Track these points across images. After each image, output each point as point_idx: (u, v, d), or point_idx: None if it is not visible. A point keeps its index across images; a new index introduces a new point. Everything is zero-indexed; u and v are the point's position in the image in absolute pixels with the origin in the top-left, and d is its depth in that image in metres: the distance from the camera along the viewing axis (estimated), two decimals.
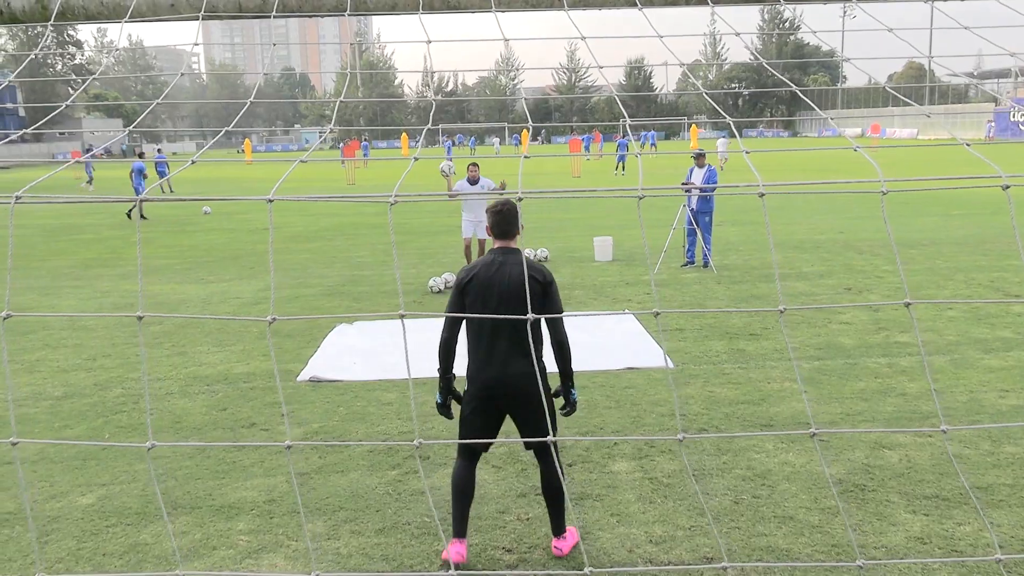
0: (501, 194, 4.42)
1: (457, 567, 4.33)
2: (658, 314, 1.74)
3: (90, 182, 37.22)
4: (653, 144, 56.35)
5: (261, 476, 5.60)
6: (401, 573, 4.33)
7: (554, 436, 4.00)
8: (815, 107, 2.17)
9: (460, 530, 4.40)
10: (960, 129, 69.81)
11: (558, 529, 4.51)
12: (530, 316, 1.95)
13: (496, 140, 74.13)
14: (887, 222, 2.34)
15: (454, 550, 4.35)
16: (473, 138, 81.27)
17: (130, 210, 24.89)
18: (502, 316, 2.77)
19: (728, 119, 2.00)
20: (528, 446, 4.69)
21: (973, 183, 1.81)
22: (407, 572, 4.34)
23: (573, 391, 4.41)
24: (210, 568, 4.43)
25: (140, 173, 24.76)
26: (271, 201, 1.64)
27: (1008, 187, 1.74)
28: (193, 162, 2.00)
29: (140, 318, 1.49)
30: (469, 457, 4.50)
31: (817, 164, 40.97)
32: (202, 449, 6.12)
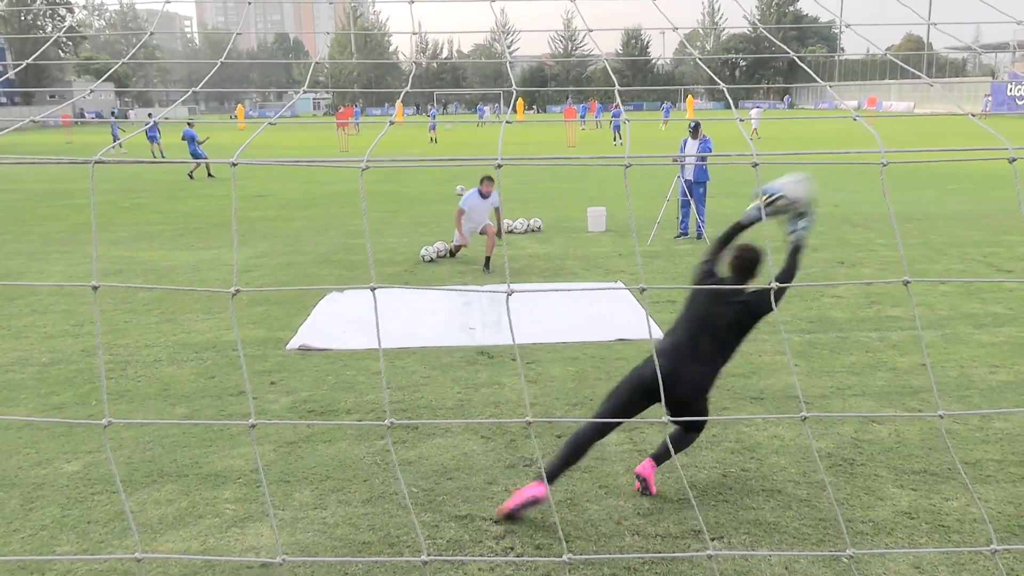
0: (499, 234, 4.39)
1: (536, 502, 4.46)
2: (644, 290, 1.69)
3: (120, 144, 37.05)
4: (667, 116, 55.46)
5: (248, 445, 5.57)
6: (363, 558, 4.31)
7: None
8: (814, 76, 2.12)
9: (552, 479, 4.62)
10: (957, 103, 69.55)
11: (658, 459, 4.77)
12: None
13: (485, 109, 72.29)
14: (886, 195, 2.30)
15: (542, 489, 4.46)
16: (456, 104, 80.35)
17: (208, 170, 25.68)
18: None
19: (722, 85, 1.94)
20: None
21: (978, 155, 1.76)
22: (373, 558, 4.33)
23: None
24: (196, 536, 4.41)
25: (193, 140, 25.18)
26: (235, 165, 1.58)
27: (1015, 159, 1.69)
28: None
29: (95, 288, 1.44)
30: (602, 431, 4.74)
31: (815, 136, 40.80)
32: (189, 417, 6.09)
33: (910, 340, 7.69)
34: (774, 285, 3.13)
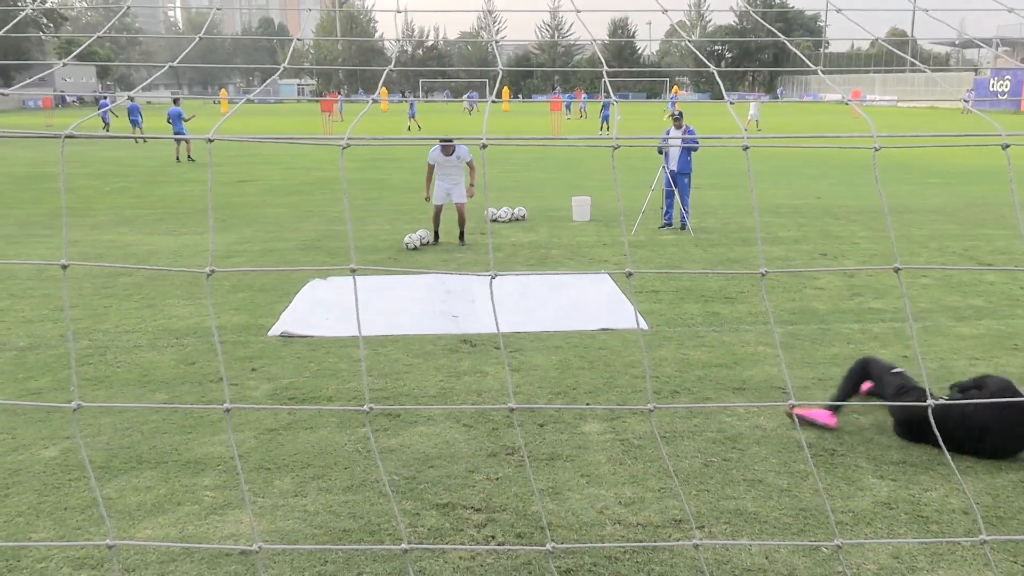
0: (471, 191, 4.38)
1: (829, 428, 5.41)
2: (631, 274, 1.67)
3: (107, 127, 36.83)
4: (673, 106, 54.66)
5: (230, 428, 5.53)
6: (343, 546, 4.30)
7: None
8: (805, 60, 2.11)
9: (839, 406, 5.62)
10: (942, 97, 69.91)
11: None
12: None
13: (475, 95, 72.17)
14: (878, 180, 2.30)
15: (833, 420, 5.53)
16: (447, 92, 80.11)
17: (187, 153, 25.86)
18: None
19: (712, 67, 1.92)
20: None
21: (971, 142, 1.75)
22: (352, 546, 4.31)
23: None
24: (174, 523, 4.38)
25: (179, 118, 25.06)
26: (211, 141, 1.55)
27: (1008, 146, 1.68)
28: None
29: (64, 267, 1.41)
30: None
31: (802, 127, 40.92)
32: (169, 403, 6.04)
33: (891, 332, 7.73)
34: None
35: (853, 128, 42.08)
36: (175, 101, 27.75)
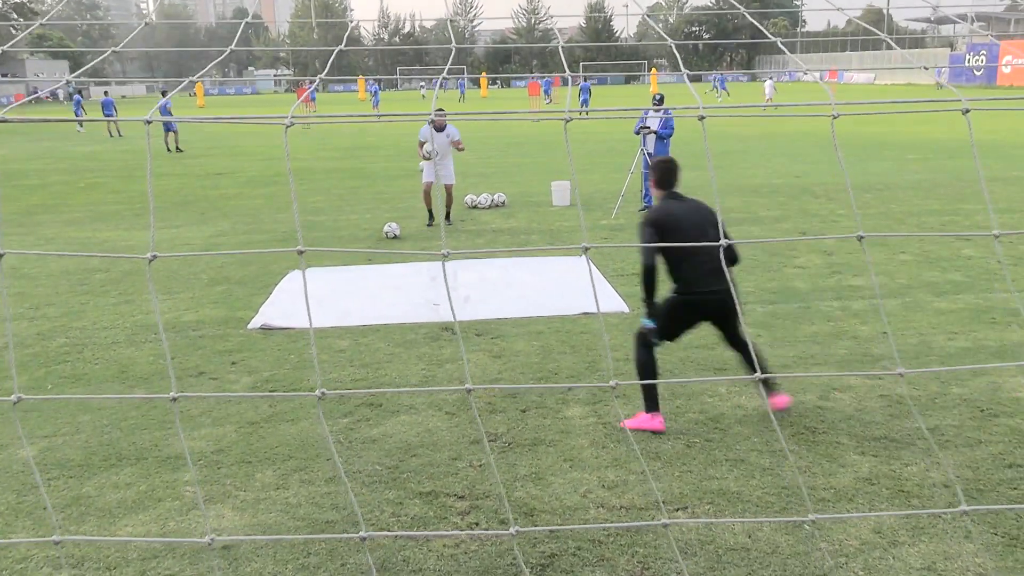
0: (460, 146, 4.37)
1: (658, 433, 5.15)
2: (587, 249, 1.66)
3: (81, 125, 36.34)
4: (724, 87, 53.84)
5: (209, 426, 5.49)
6: (300, 536, 4.28)
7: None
8: (778, 43, 2.09)
9: (656, 406, 5.25)
10: (915, 75, 70.20)
11: (770, 388, 5.42)
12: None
13: (464, 83, 71.05)
14: (838, 150, 2.28)
15: (658, 422, 5.22)
16: (434, 80, 79.57)
17: (176, 143, 26.27)
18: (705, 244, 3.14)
19: (670, 41, 1.89)
20: (731, 342, 5.42)
21: (931, 107, 1.74)
22: (306, 535, 4.29)
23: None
24: (155, 519, 4.34)
25: (166, 110, 25.80)
26: (148, 123, 1.52)
27: (968, 111, 1.67)
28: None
29: (0, 255, 1.38)
30: (649, 346, 5.26)
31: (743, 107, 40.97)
32: (149, 399, 5.99)
33: (871, 309, 7.77)
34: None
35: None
36: (163, 93, 28.24)
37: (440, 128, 11.83)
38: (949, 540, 3.96)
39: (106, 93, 34.69)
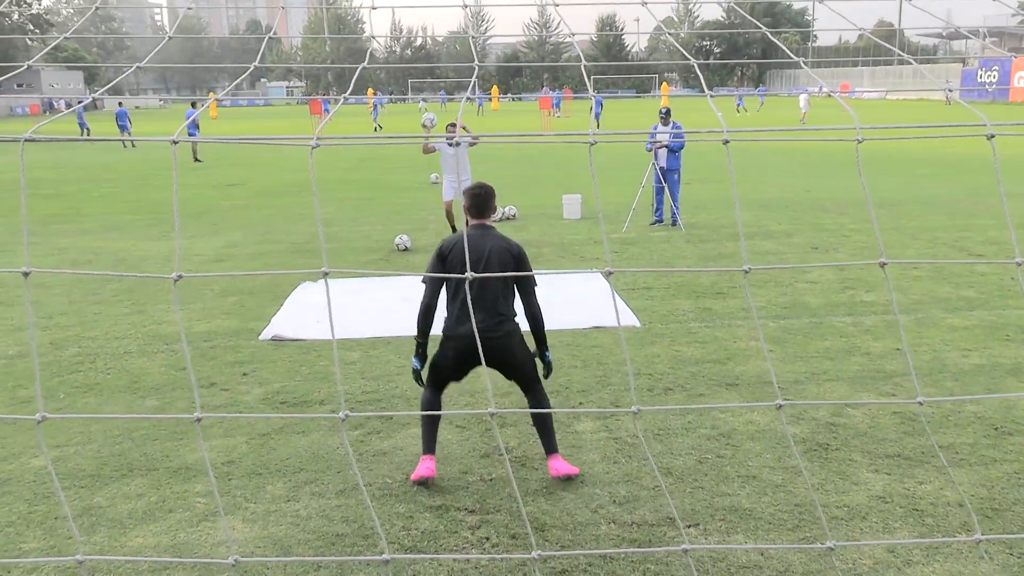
0: (475, 139, 4.43)
1: (427, 482, 4.70)
2: (611, 273, 1.65)
3: (88, 133, 36.58)
4: (741, 103, 53.55)
5: (220, 437, 5.50)
6: (323, 557, 4.27)
7: (540, 371, 4.84)
8: (788, 52, 2.09)
9: (431, 448, 4.78)
10: (927, 91, 70.04)
11: (550, 448, 4.81)
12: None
13: (482, 99, 70.16)
14: (861, 173, 2.28)
15: (424, 466, 4.71)
16: (443, 92, 79.81)
17: (195, 155, 26.71)
18: (492, 275, 2.92)
19: (692, 60, 1.90)
20: (519, 384, 4.99)
21: (956, 132, 1.73)
22: (334, 556, 4.28)
23: (548, 353, 4.92)
24: (166, 530, 4.34)
25: (194, 122, 26.16)
26: (175, 143, 1.53)
27: (993, 136, 1.66)
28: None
29: (26, 274, 1.39)
30: (438, 388, 4.90)
31: (792, 120, 40.96)
32: (159, 410, 6.00)
33: (884, 325, 7.73)
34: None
35: (841, 121, 42.17)
36: (192, 105, 29.28)
37: (455, 144, 11.55)
38: (964, 560, 3.92)
39: (120, 104, 34.96)
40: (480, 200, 4.80)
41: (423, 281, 4.75)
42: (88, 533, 4.34)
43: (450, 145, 11.63)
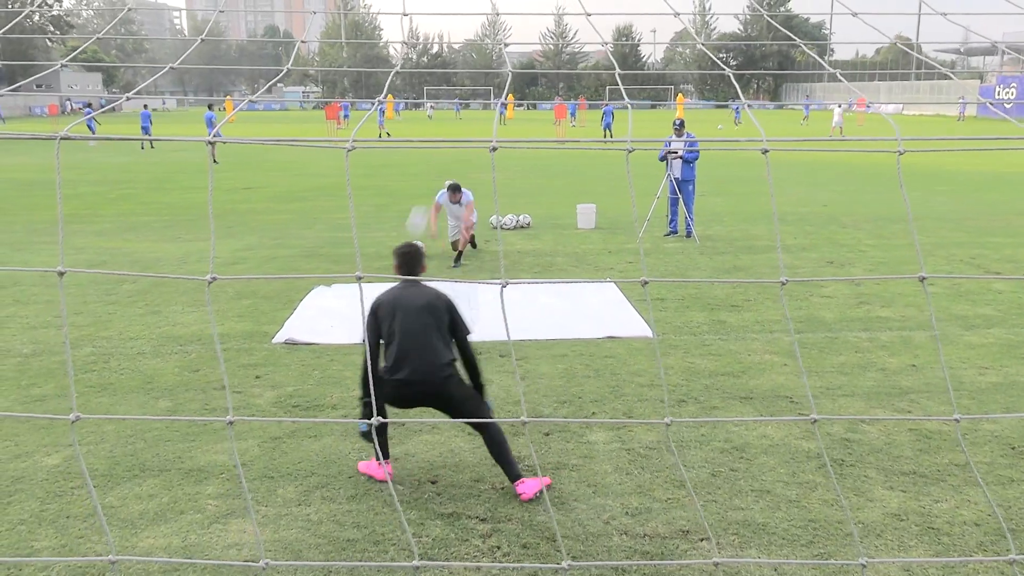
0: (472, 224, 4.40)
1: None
2: (646, 283, 1.64)
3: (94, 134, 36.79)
4: (738, 116, 53.43)
5: (232, 439, 5.49)
6: (350, 563, 4.25)
7: (485, 407, 4.82)
8: (819, 59, 2.07)
9: (386, 454, 4.95)
10: (944, 106, 69.78)
11: (514, 475, 4.74)
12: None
13: (504, 107, 67.12)
14: (903, 185, 2.23)
15: (386, 471, 4.53)
16: (457, 101, 79.93)
17: (213, 156, 27.11)
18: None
19: (728, 71, 1.88)
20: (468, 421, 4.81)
21: (999, 144, 1.71)
22: (359, 563, 4.27)
23: (488, 401, 4.93)
24: (177, 532, 4.34)
25: (210, 123, 26.90)
26: (211, 143, 1.52)
27: None
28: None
29: (61, 274, 1.38)
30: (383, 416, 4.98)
31: (812, 133, 40.82)
32: (172, 411, 6.01)
33: (899, 340, 7.67)
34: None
35: (860, 134, 41.99)
36: (209, 107, 29.53)
37: (456, 200, 11.18)
38: None
39: (145, 106, 35.20)
40: (410, 259, 5.12)
41: (362, 341, 4.88)
42: (99, 532, 4.34)
43: (453, 202, 11.19)
